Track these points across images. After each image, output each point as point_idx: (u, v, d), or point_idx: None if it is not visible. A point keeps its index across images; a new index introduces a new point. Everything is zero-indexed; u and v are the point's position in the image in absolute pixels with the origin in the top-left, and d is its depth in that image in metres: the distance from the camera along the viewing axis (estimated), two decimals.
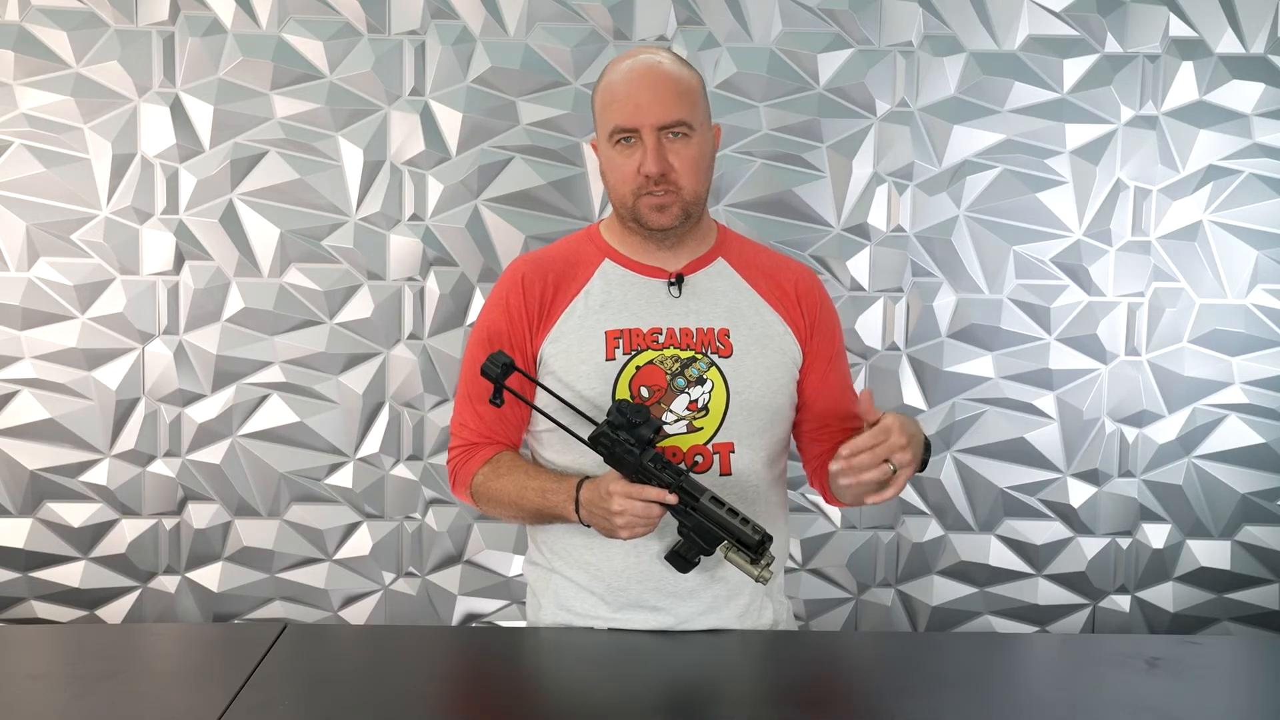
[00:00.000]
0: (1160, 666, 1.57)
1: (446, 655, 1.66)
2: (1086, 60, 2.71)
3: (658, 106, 1.62)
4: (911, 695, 1.48)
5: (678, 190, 1.65)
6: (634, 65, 1.66)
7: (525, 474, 1.69)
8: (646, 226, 1.68)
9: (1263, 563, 2.83)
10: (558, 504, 1.64)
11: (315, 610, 2.79)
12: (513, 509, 1.71)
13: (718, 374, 1.69)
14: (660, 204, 1.66)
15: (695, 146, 1.65)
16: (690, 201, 1.67)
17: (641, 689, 1.47)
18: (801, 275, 1.80)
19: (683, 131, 1.64)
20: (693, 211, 1.69)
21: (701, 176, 1.68)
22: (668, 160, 1.63)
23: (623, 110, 1.63)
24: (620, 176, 1.66)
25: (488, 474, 1.72)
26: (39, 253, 2.66)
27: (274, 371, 2.72)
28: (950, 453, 2.80)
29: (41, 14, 2.62)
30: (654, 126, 1.62)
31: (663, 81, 1.64)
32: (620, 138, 1.65)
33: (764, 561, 1.54)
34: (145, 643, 1.73)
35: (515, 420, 1.75)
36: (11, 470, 2.71)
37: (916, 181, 2.73)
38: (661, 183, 1.64)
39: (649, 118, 1.62)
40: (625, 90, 1.64)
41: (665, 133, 1.63)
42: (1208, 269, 2.76)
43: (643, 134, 1.63)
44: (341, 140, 2.67)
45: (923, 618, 2.84)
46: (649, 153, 1.63)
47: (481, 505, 1.75)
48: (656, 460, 1.55)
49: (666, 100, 1.63)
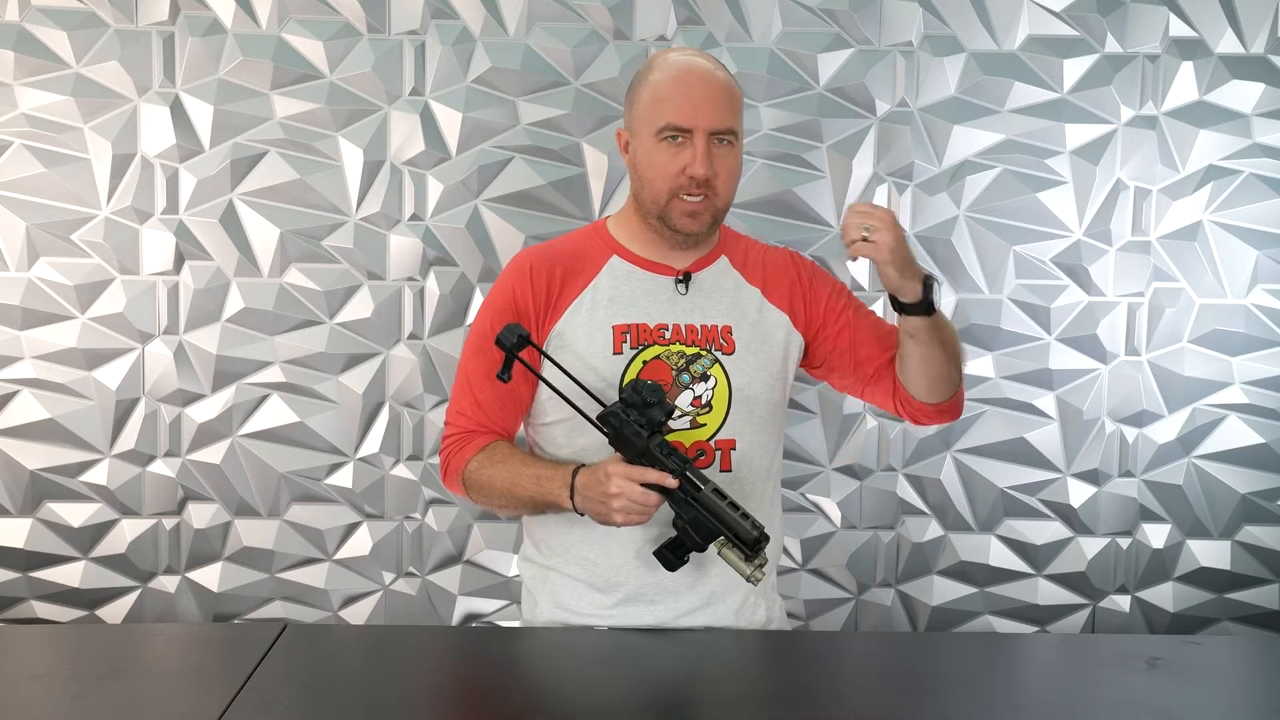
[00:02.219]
0: (1160, 666, 1.57)
1: (446, 655, 1.66)
2: (1086, 60, 2.71)
3: (714, 111, 1.64)
4: (911, 695, 1.48)
5: (714, 196, 1.67)
6: (690, 66, 1.67)
7: (520, 462, 1.69)
8: (673, 229, 1.69)
9: (1263, 563, 2.83)
10: (552, 491, 1.64)
11: (315, 610, 2.79)
12: (505, 497, 1.69)
13: (721, 371, 1.70)
14: (694, 210, 1.67)
15: (736, 156, 1.68)
16: (721, 209, 1.70)
17: (640, 689, 1.47)
18: (791, 258, 1.82)
19: (730, 140, 1.66)
20: (719, 219, 1.72)
21: (735, 186, 1.71)
22: (713, 166, 1.65)
23: (679, 109, 1.64)
24: (661, 173, 1.66)
25: (481, 461, 1.71)
26: (39, 253, 2.66)
27: (274, 371, 2.72)
28: (950, 453, 2.80)
29: (41, 14, 2.62)
30: (707, 130, 1.64)
31: (719, 88, 1.66)
32: (669, 135, 1.65)
33: (757, 561, 1.54)
34: (145, 643, 1.73)
35: (514, 408, 1.74)
36: (11, 470, 2.71)
37: (916, 181, 2.73)
38: (703, 187, 1.65)
39: (705, 120, 1.64)
40: (681, 90, 1.65)
41: (715, 138, 1.65)
42: (1208, 269, 2.76)
43: (695, 136, 1.64)
44: (341, 140, 2.67)
45: (923, 618, 2.84)
46: (699, 155, 1.64)
47: (473, 494, 1.74)
48: (663, 446, 1.55)
49: (723, 106, 1.65)
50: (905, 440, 2.79)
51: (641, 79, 1.70)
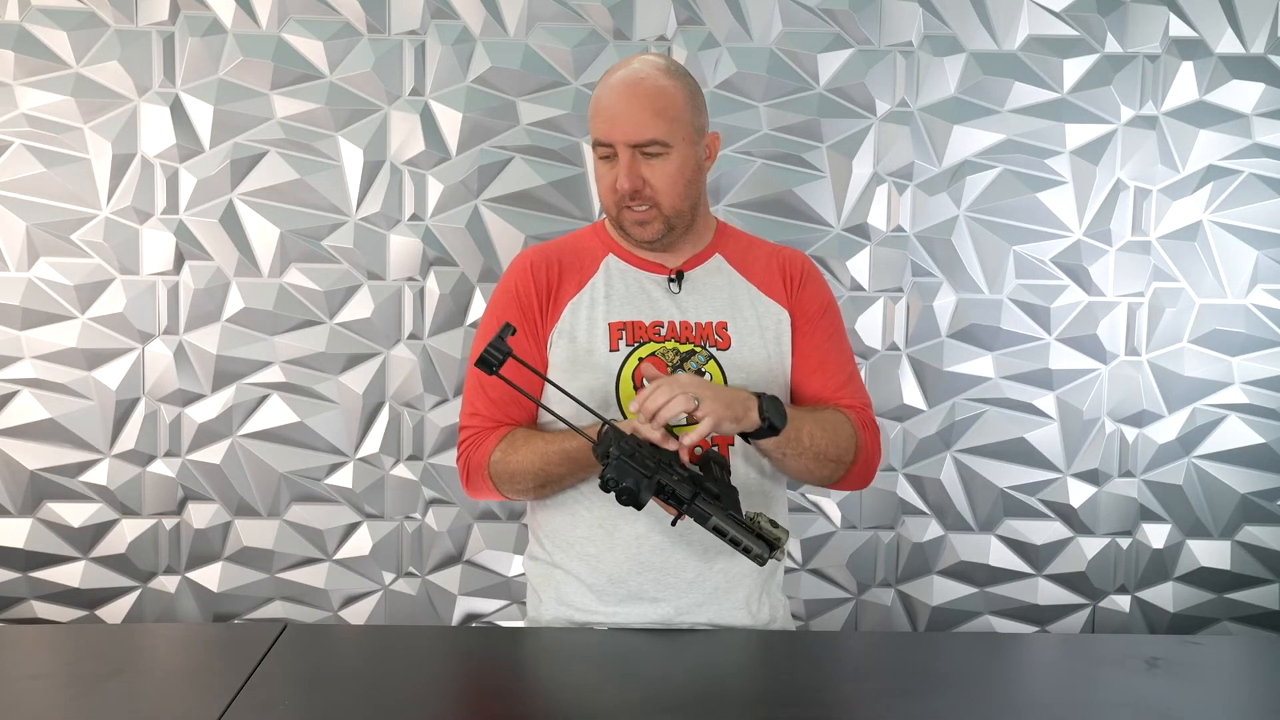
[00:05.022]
0: (1160, 666, 1.57)
1: (446, 655, 1.66)
2: (1086, 60, 2.71)
3: (630, 125, 1.63)
4: (911, 695, 1.48)
5: (657, 206, 1.67)
6: (620, 77, 1.66)
7: (544, 441, 1.68)
8: (631, 237, 1.72)
9: (1263, 563, 2.83)
10: (586, 462, 1.62)
11: (315, 610, 2.79)
12: (538, 478, 1.68)
13: (716, 367, 1.71)
14: (641, 219, 1.68)
15: (673, 163, 1.66)
16: (672, 216, 1.69)
17: (641, 689, 1.47)
18: (789, 255, 1.82)
19: (657, 150, 1.64)
20: (676, 224, 1.71)
21: (682, 191, 1.68)
22: (641, 177, 1.64)
23: (599, 124, 1.65)
24: (603, 187, 1.69)
25: (505, 449, 1.70)
26: (39, 253, 2.66)
27: (274, 371, 2.72)
28: (950, 453, 2.80)
29: (41, 14, 2.62)
30: (627, 144, 1.63)
31: (641, 98, 1.63)
32: (600, 152, 1.67)
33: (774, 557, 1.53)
34: (145, 643, 1.73)
35: (528, 400, 1.73)
36: (11, 470, 2.71)
37: (916, 181, 2.73)
38: (637, 198, 1.66)
39: (622, 135, 1.64)
40: (606, 103, 1.65)
41: (639, 150, 1.64)
42: (1208, 269, 2.76)
43: (617, 150, 1.64)
44: (341, 140, 2.67)
45: (923, 618, 2.84)
46: (622, 169, 1.64)
47: (503, 487, 1.72)
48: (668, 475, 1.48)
49: (641, 118, 1.63)
50: (905, 440, 2.79)
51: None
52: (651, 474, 1.47)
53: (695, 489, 1.50)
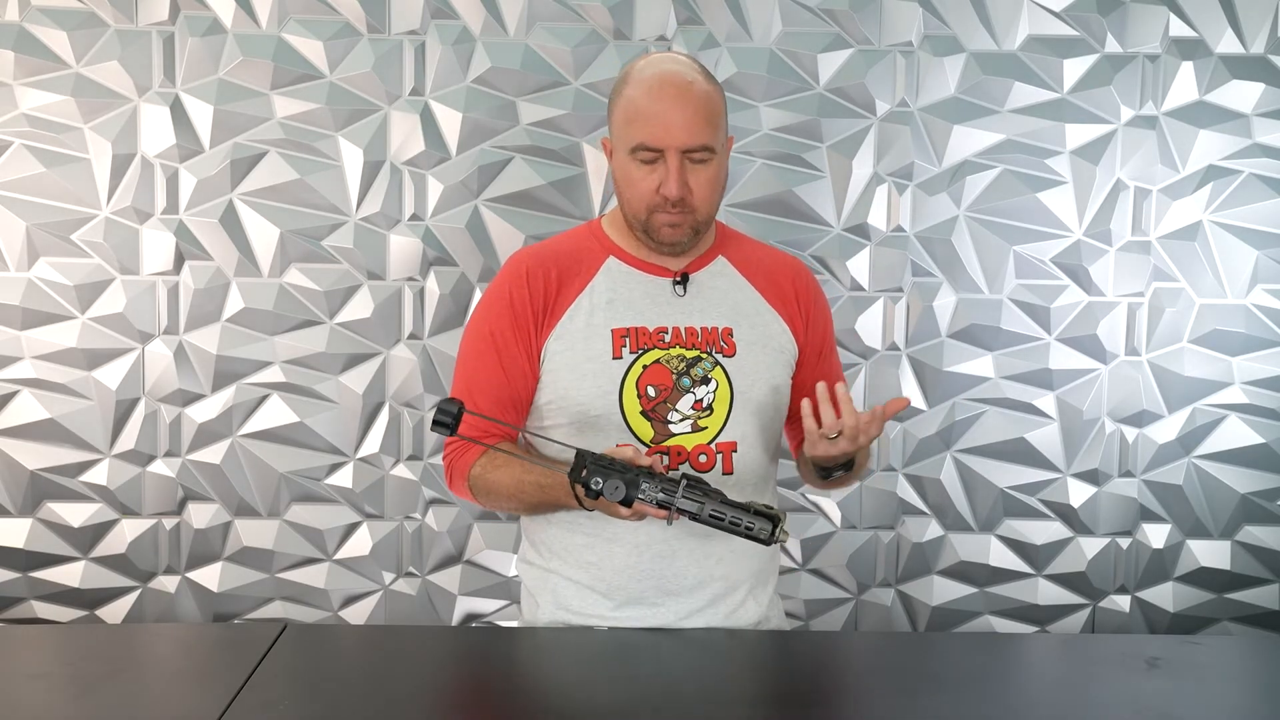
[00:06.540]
0: (1160, 666, 1.57)
1: (446, 655, 1.66)
2: (1086, 60, 2.71)
3: (685, 130, 1.60)
4: (911, 695, 1.48)
5: (693, 211, 1.65)
6: (663, 81, 1.62)
7: (521, 469, 1.67)
8: (656, 241, 1.68)
9: (1263, 563, 2.83)
10: (557, 498, 1.63)
11: (315, 610, 2.79)
12: (511, 502, 1.70)
13: (722, 373, 1.69)
14: (674, 222, 1.65)
15: (714, 168, 1.65)
16: (702, 221, 1.67)
17: (641, 689, 1.47)
18: (798, 270, 1.81)
19: (704, 156, 1.63)
20: (703, 229, 1.69)
21: (717, 197, 1.68)
22: (688, 184, 1.62)
23: (650, 129, 1.60)
24: (637, 191, 1.65)
25: (484, 466, 1.70)
26: (39, 253, 2.66)
27: (274, 371, 2.72)
28: (950, 453, 2.80)
29: (41, 14, 2.62)
30: (679, 149, 1.61)
31: (694, 103, 1.61)
32: (642, 154, 1.62)
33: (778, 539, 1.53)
34: (145, 643, 1.73)
35: (514, 412, 1.73)
36: (11, 470, 2.71)
37: (916, 181, 2.73)
38: (679, 205, 1.63)
39: (675, 140, 1.60)
40: (653, 108, 1.61)
41: (688, 155, 1.62)
42: (1208, 269, 2.76)
43: (667, 156, 1.61)
44: (341, 140, 2.67)
45: (923, 618, 2.84)
46: (671, 176, 1.61)
47: (480, 498, 1.74)
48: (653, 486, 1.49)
49: (695, 124, 1.61)
50: (905, 440, 2.79)
51: (617, 92, 1.66)
52: (635, 475, 1.48)
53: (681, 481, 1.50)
